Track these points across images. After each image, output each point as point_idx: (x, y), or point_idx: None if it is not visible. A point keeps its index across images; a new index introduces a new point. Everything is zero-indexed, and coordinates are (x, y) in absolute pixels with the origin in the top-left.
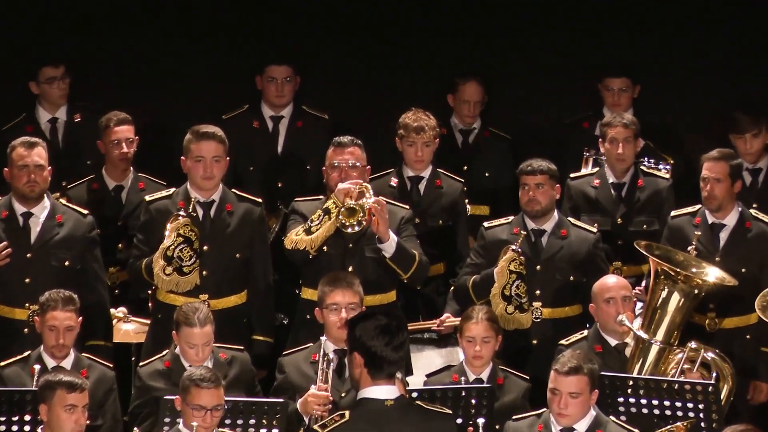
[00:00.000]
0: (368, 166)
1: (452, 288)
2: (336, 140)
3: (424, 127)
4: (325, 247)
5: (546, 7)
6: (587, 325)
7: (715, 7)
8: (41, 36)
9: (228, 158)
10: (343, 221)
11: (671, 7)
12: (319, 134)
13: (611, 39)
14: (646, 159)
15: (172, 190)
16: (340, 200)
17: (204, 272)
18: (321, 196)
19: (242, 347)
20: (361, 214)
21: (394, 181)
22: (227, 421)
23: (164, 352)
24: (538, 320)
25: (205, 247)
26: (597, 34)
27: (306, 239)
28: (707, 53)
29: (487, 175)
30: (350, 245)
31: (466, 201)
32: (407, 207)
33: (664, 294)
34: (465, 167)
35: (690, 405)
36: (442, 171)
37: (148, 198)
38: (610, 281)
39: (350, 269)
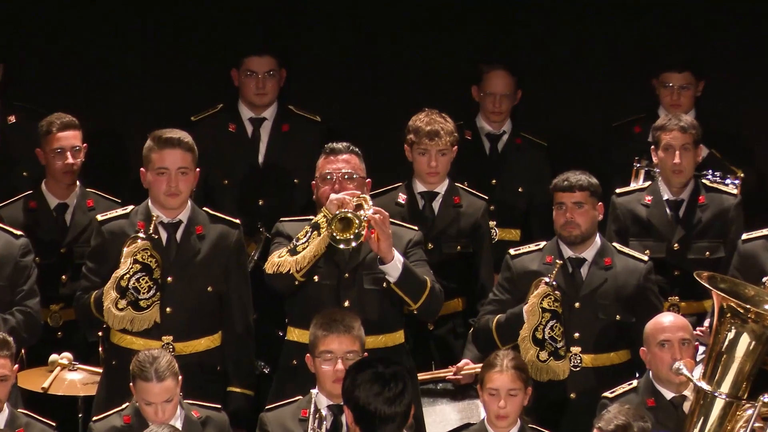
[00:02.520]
0: (368, 179)
1: (472, 329)
2: (328, 147)
3: (440, 132)
4: (315, 277)
5: None
6: (637, 375)
7: None
8: None
9: (198, 170)
10: (335, 235)
11: None
12: (310, 140)
13: (669, 25)
14: (709, 171)
15: (130, 208)
16: (331, 212)
17: (167, 308)
18: (311, 217)
19: (219, 406)
20: (358, 227)
21: (402, 198)
22: None
23: (124, 406)
24: (577, 369)
25: (169, 278)
26: (652, 20)
27: (290, 260)
28: None
29: (519, 190)
30: (346, 275)
31: (493, 224)
32: (415, 228)
33: (730, 336)
34: (493, 181)
35: None
36: (460, 186)
37: (100, 218)
38: (665, 321)
39: (346, 304)
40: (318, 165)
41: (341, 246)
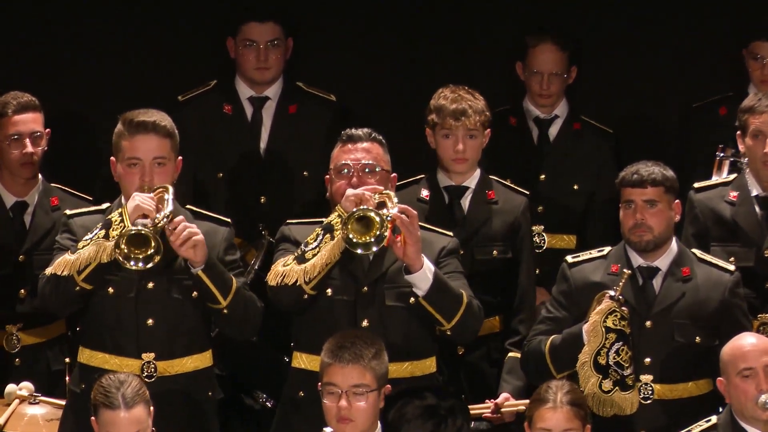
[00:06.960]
0: (393, 173)
1: (510, 354)
2: (345, 134)
3: (467, 110)
4: (328, 291)
5: None
6: (720, 410)
7: None
8: None
9: (180, 159)
10: (352, 237)
11: None
12: (322, 124)
13: None
14: None
15: (105, 206)
16: (348, 210)
17: (148, 320)
18: (324, 219)
19: None
20: (379, 228)
21: (424, 194)
22: None
23: None
24: (648, 402)
25: (150, 284)
26: None
27: (298, 269)
28: None
29: (575, 187)
30: (365, 288)
31: (541, 228)
32: (450, 234)
33: None
34: (542, 176)
35: None
36: (495, 179)
37: (68, 212)
38: (746, 344)
39: (364, 324)
40: (333, 155)
41: (359, 251)
